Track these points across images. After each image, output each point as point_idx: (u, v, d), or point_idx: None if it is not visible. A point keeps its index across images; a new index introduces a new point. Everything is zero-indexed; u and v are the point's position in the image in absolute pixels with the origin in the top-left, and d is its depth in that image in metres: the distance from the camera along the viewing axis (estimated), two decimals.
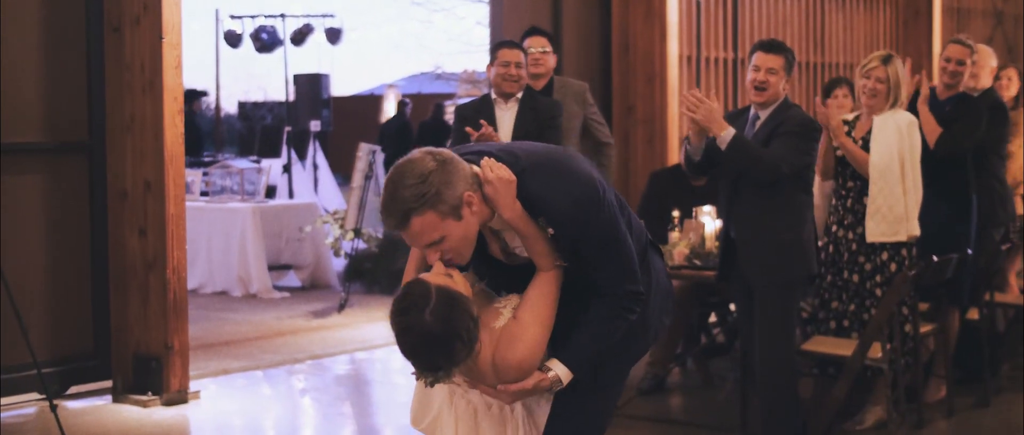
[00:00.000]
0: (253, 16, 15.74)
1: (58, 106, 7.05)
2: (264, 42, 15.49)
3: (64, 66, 7.06)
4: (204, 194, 11.76)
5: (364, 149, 11.11)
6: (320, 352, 8.61)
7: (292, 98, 15.39)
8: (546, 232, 3.39)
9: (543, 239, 3.40)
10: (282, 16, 15.58)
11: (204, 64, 19.34)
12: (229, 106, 23.66)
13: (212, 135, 17.15)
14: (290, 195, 13.74)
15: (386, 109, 20.33)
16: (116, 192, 7.18)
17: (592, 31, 10.14)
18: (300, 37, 15.52)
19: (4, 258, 6.50)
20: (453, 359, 3.29)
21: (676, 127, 9.88)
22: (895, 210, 6.25)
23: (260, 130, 16.09)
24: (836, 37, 12.18)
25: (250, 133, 16.97)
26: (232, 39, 15.85)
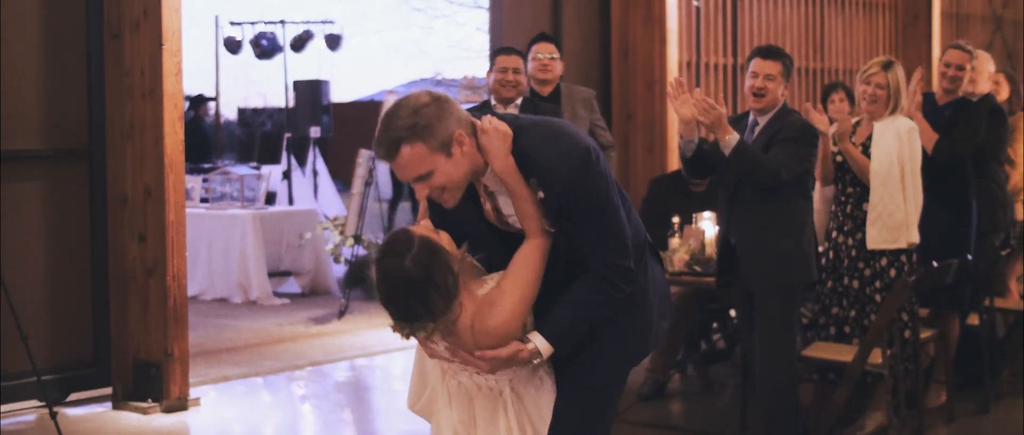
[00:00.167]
0: (253, 22, 15.72)
1: (58, 112, 7.05)
2: (264, 48, 15.47)
3: (64, 72, 7.06)
4: (204, 200, 11.75)
5: (364, 155, 11.11)
6: (320, 359, 8.61)
7: (292, 104, 15.38)
8: (536, 195, 3.43)
9: (532, 200, 3.43)
10: (282, 22, 15.57)
11: (204, 70, 19.32)
12: (229, 112, 23.65)
13: (212, 141, 17.14)
14: (290, 201, 13.73)
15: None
16: (116, 198, 7.18)
17: (592, 36, 10.16)
18: (300, 43, 15.50)
19: (4, 265, 6.50)
20: (429, 308, 3.33)
21: (676, 133, 9.87)
22: (895, 217, 6.25)
23: (260, 136, 16.09)
24: (835, 42, 12.19)
25: (250, 139, 16.95)
26: (232, 45, 15.83)
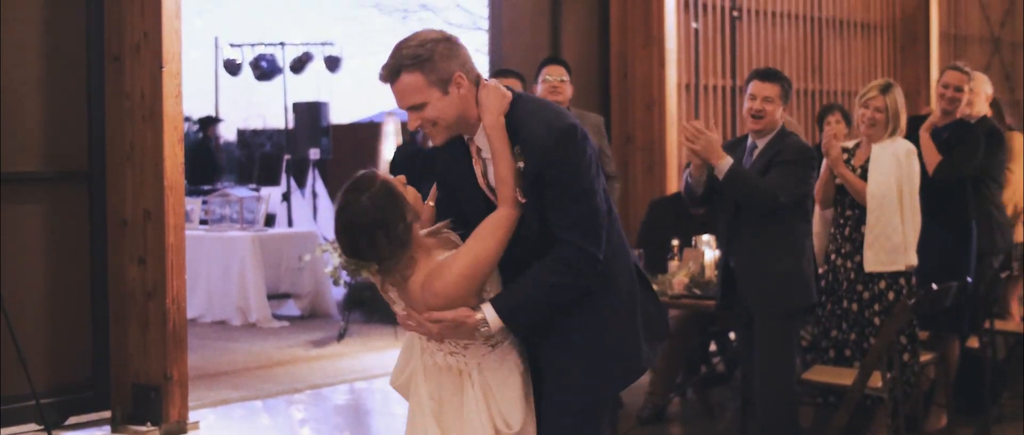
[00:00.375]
0: (252, 44, 15.74)
1: (58, 135, 7.05)
2: (264, 70, 15.49)
3: (64, 95, 7.07)
4: (203, 222, 11.75)
5: None
6: (319, 382, 8.60)
7: (291, 126, 15.40)
8: (517, 163, 3.51)
9: (510, 164, 3.51)
10: (281, 44, 15.59)
11: (203, 92, 19.35)
12: (228, 134, 23.66)
13: (219, 162, 17.16)
14: (289, 223, 13.74)
15: (388, 135, 20.30)
16: (116, 221, 7.17)
17: (591, 58, 10.17)
18: (299, 65, 15.52)
19: (3, 287, 6.50)
20: (375, 247, 3.45)
21: (675, 155, 9.89)
22: (892, 239, 6.25)
23: (259, 158, 16.10)
24: (834, 64, 12.21)
25: (249, 161, 16.98)
26: (232, 67, 15.85)
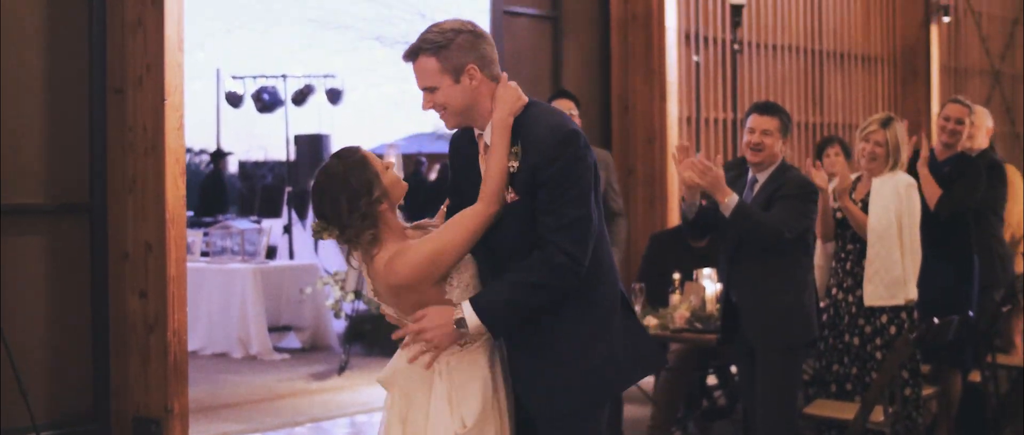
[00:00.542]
0: (254, 76, 15.79)
1: (60, 167, 7.06)
2: (265, 102, 15.53)
3: (67, 127, 7.08)
4: (205, 254, 11.74)
5: None
6: (320, 415, 8.57)
7: (293, 158, 15.42)
8: (510, 163, 3.61)
9: (503, 162, 3.62)
10: (283, 77, 15.63)
11: (205, 124, 19.39)
12: (230, 166, 23.72)
13: (229, 195, 17.22)
14: (291, 256, 13.73)
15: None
16: (117, 254, 7.17)
17: (592, 91, 10.19)
18: (301, 97, 15.56)
19: (4, 319, 6.49)
20: (337, 214, 3.61)
21: (676, 188, 9.89)
22: (892, 273, 6.24)
23: (261, 190, 16.11)
24: (835, 97, 12.24)
25: (251, 193, 17.00)
26: (233, 99, 15.90)
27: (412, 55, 3.68)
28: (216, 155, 17.32)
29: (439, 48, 3.63)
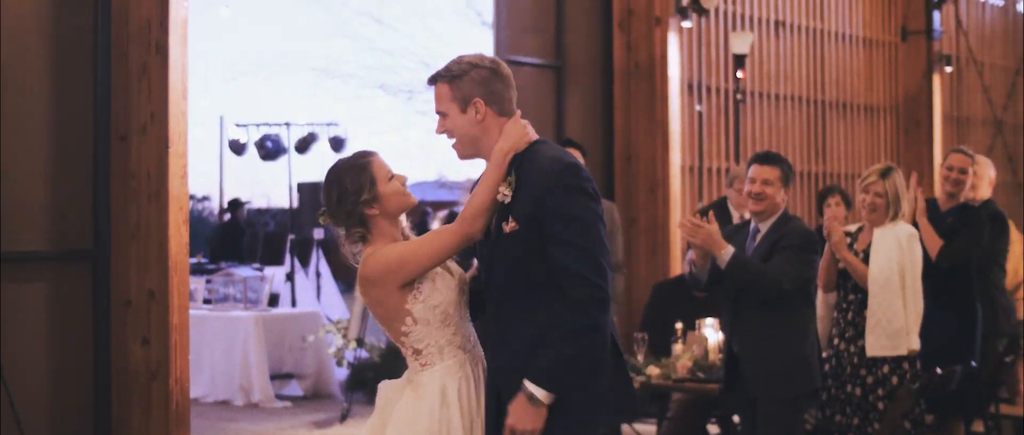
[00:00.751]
0: (258, 124, 15.82)
1: (63, 214, 7.07)
2: (268, 150, 15.55)
3: (70, 173, 7.09)
4: (207, 302, 11.73)
5: None
6: None
7: (296, 205, 15.45)
8: (501, 191, 3.71)
9: (491, 189, 3.74)
10: (287, 124, 15.67)
11: (208, 171, 19.45)
12: (245, 214, 23.82)
13: (246, 245, 17.27)
14: (293, 303, 13.71)
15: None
16: (120, 301, 7.17)
17: (595, 141, 10.21)
18: (304, 145, 15.59)
19: (6, 366, 6.48)
20: (329, 202, 3.87)
21: (678, 238, 9.89)
22: (894, 323, 6.23)
23: (263, 237, 16.12)
24: (837, 146, 12.26)
25: (253, 240, 17.02)
26: (236, 147, 15.93)
27: (432, 80, 3.87)
28: (233, 204, 17.53)
29: (454, 77, 3.81)
